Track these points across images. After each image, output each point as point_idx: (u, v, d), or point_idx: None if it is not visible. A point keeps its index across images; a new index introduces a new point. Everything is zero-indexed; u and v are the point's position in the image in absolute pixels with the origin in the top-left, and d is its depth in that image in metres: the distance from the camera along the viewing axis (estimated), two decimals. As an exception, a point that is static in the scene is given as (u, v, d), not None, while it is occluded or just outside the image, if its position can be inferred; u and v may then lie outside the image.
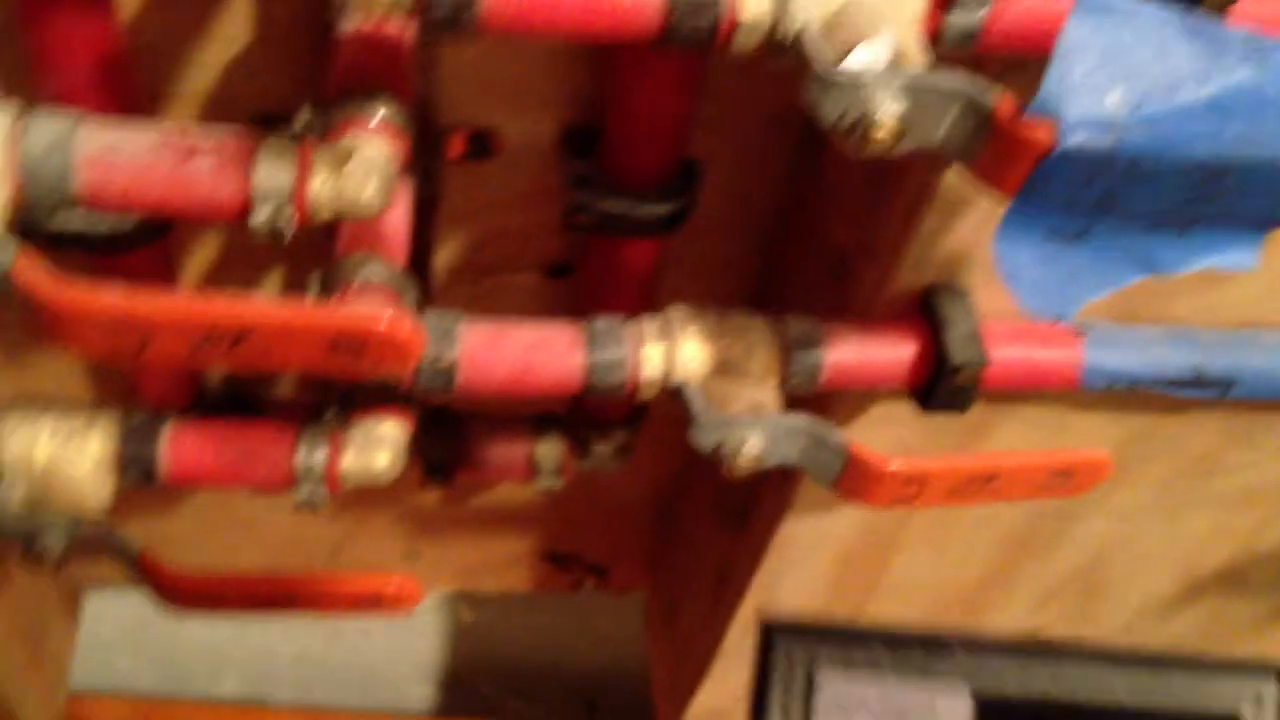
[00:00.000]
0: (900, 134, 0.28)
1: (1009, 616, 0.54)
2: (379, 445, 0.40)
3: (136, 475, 0.39)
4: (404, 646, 0.87)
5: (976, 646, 0.14)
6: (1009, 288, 0.29)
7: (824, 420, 0.36)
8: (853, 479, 0.35)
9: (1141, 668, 0.17)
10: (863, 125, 0.28)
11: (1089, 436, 0.43)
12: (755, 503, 0.51)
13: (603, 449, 0.54)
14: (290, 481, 0.40)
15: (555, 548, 0.69)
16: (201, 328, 0.28)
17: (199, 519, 0.61)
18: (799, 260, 0.46)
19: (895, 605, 0.53)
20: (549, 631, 0.85)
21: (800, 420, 0.35)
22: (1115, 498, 0.47)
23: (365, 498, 0.61)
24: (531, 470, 0.54)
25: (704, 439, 0.36)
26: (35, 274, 0.28)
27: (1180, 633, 0.56)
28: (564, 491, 0.62)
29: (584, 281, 0.48)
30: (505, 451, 0.54)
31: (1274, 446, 0.45)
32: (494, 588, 0.71)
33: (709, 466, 0.54)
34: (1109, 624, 0.55)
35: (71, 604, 0.67)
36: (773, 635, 0.15)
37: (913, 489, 0.35)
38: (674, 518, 0.65)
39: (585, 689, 0.85)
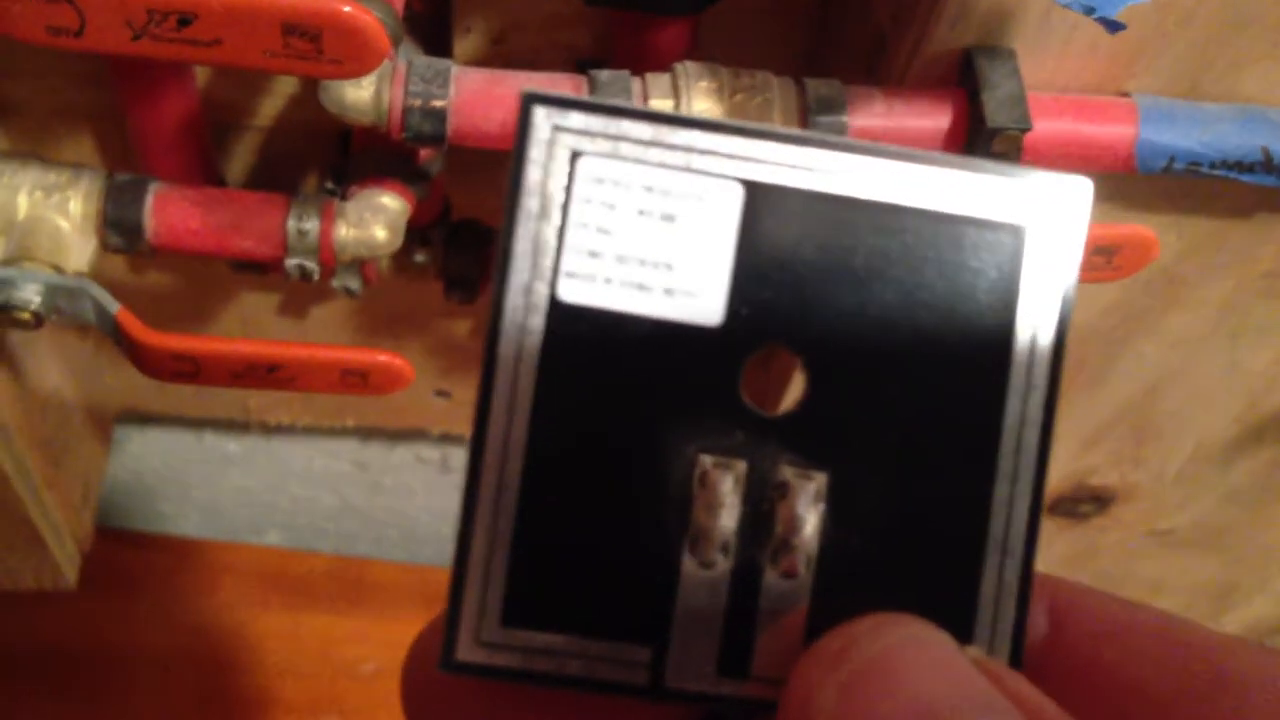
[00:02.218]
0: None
1: (1054, 457, 0.51)
2: (377, 216, 0.38)
3: (120, 237, 0.37)
4: (445, 502, 0.86)
5: (752, 132, 0.14)
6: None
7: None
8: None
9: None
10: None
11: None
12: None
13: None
14: (280, 250, 0.38)
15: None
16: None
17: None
18: (836, 51, 0.43)
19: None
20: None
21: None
22: (1170, 321, 0.44)
23: (392, 330, 0.59)
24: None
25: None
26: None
27: (1238, 485, 0.53)
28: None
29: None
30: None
31: (1351, 262, 0.41)
32: (530, 431, 0.70)
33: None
34: (1161, 470, 0.51)
35: (101, 429, 0.66)
36: (533, 106, 0.14)
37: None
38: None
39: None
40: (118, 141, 0.43)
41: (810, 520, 0.16)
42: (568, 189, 0.16)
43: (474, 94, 0.33)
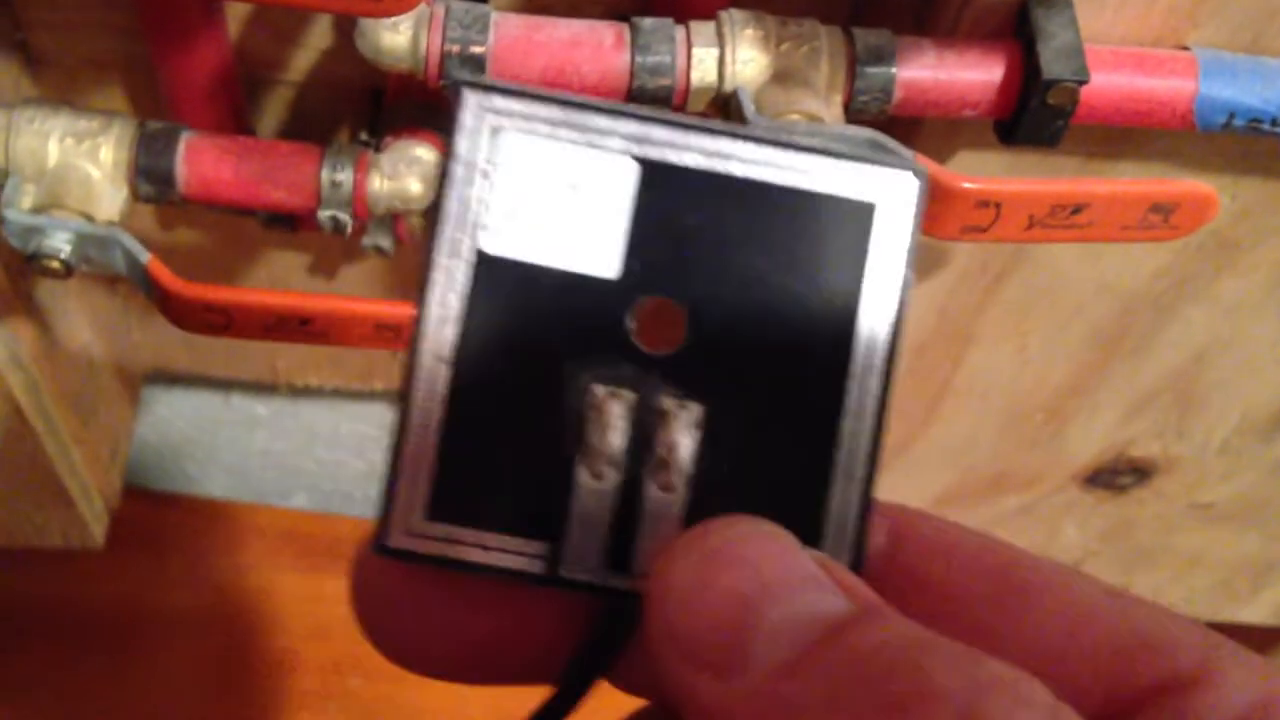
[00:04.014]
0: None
1: (1095, 427, 0.50)
2: (412, 167, 0.37)
3: (152, 186, 0.37)
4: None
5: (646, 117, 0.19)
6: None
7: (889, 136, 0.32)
8: (919, 202, 0.31)
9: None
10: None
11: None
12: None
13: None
14: (313, 201, 0.37)
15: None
16: None
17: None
18: (884, 2, 0.42)
19: (971, 406, 0.49)
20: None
21: (861, 131, 0.31)
22: (1221, 287, 0.43)
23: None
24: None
25: (755, 150, 0.32)
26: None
27: (1283, 458, 0.52)
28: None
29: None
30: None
31: None
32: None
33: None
34: (1204, 441, 0.50)
35: (129, 388, 0.66)
36: (464, 91, 0.20)
37: (987, 215, 0.31)
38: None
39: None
40: (148, 94, 0.43)
41: (685, 443, 0.19)
42: (489, 159, 0.20)
43: (513, 40, 0.33)
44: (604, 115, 0.20)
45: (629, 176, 0.20)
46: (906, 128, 0.36)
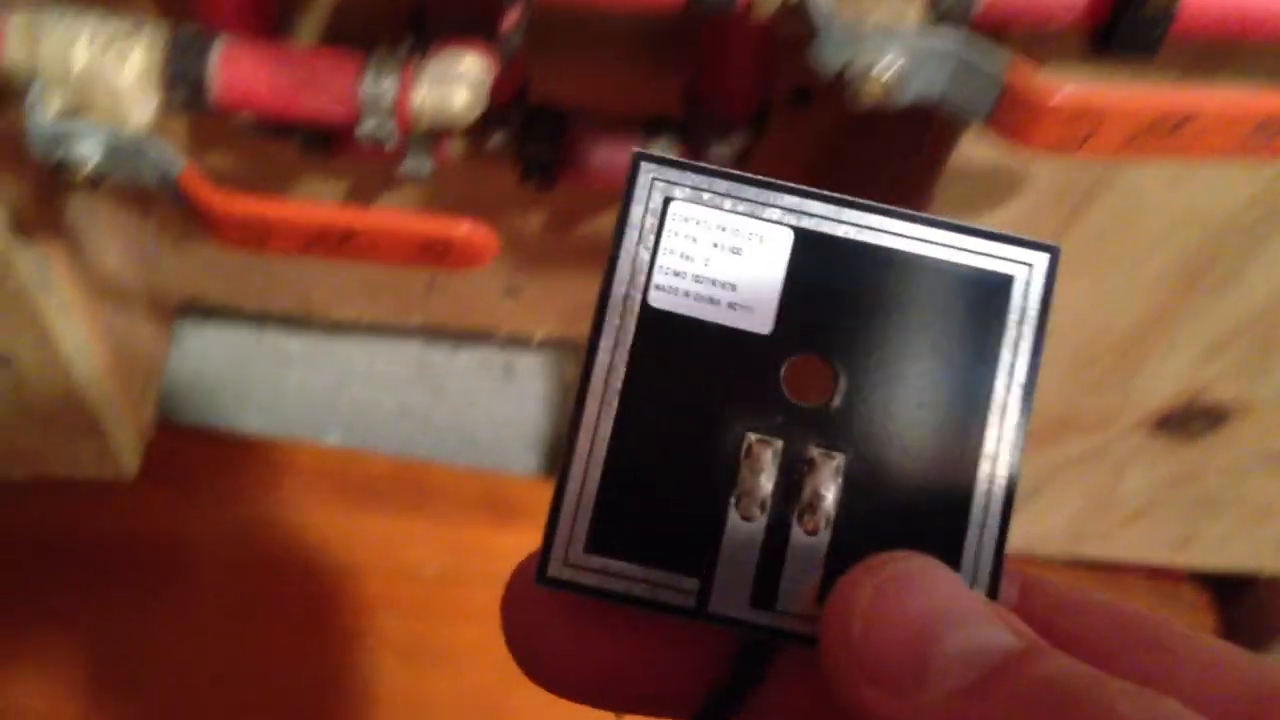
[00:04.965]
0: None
1: (1169, 369, 0.48)
2: (458, 81, 0.35)
3: (183, 93, 0.35)
4: (507, 409, 0.85)
5: (803, 192, 0.22)
6: None
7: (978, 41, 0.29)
8: (1009, 112, 0.29)
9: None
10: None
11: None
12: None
13: (721, 151, 0.48)
14: (353, 112, 0.35)
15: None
16: None
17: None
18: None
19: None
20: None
21: (948, 38, 0.29)
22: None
23: (462, 214, 0.57)
24: (640, 177, 0.48)
25: (828, 56, 0.30)
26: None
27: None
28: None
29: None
30: (613, 153, 0.49)
31: None
32: (599, 336, 0.67)
33: (840, 183, 0.48)
34: (1284, 384, 0.48)
35: (162, 319, 0.65)
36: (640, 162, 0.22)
37: (1083, 128, 0.29)
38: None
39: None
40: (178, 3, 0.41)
41: (829, 490, 0.21)
42: (660, 224, 0.21)
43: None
44: (764, 189, 0.22)
45: (784, 243, 0.22)
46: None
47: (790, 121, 0.49)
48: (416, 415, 0.81)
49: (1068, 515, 0.59)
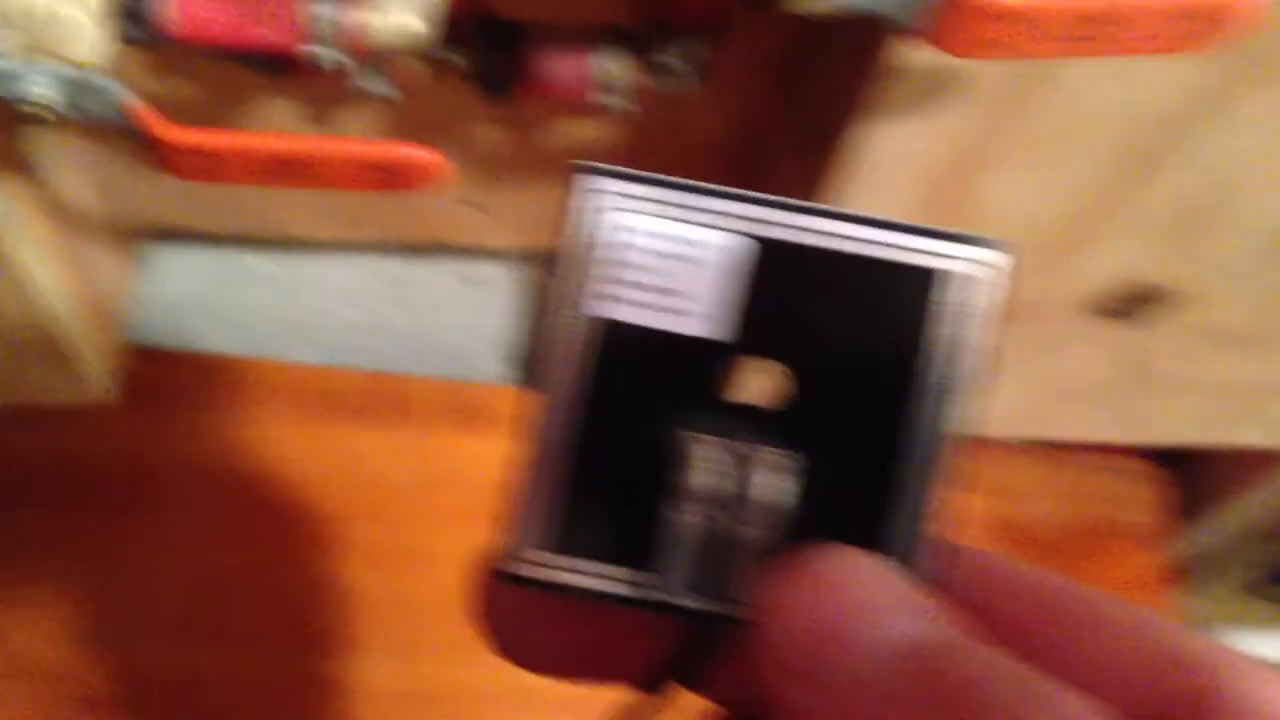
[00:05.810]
0: None
1: (1107, 254, 0.50)
2: (406, 5, 0.36)
3: (138, 29, 0.35)
4: (473, 319, 0.85)
5: (753, 199, 0.22)
6: None
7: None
8: (940, 16, 0.30)
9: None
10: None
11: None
12: (832, 118, 0.46)
13: (675, 61, 0.49)
14: (304, 39, 0.36)
15: (628, 200, 0.65)
16: None
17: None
18: None
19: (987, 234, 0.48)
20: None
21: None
22: (1254, 102, 0.41)
23: (423, 140, 0.57)
24: (598, 86, 0.49)
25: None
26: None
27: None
28: (637, 134, 0.58)
29: None
30: (568, 64, 0.50)
31: None
32: (562, 244, 0.68)
33: (793, 90, 0.50)
34: (1219, 267, 0.50)
35: (129, 246, 0.66)
36: (579, 174, 0.22)
37: (1011, 29, 0.30)
38: (757, 163, 0.60)
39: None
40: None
41: (769, 484, 0.22)
42: (601, 233, 0.22)
43: None
44: (703, 195, 0.22)
45: (735, 249, 0.22)
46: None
47: (750, 32, 0.50)
48: (383, 328, 0.82)
49: (1016, 398, 0.61)
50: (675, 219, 0.22)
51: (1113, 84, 0.40)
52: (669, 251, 0.22)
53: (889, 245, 0.22)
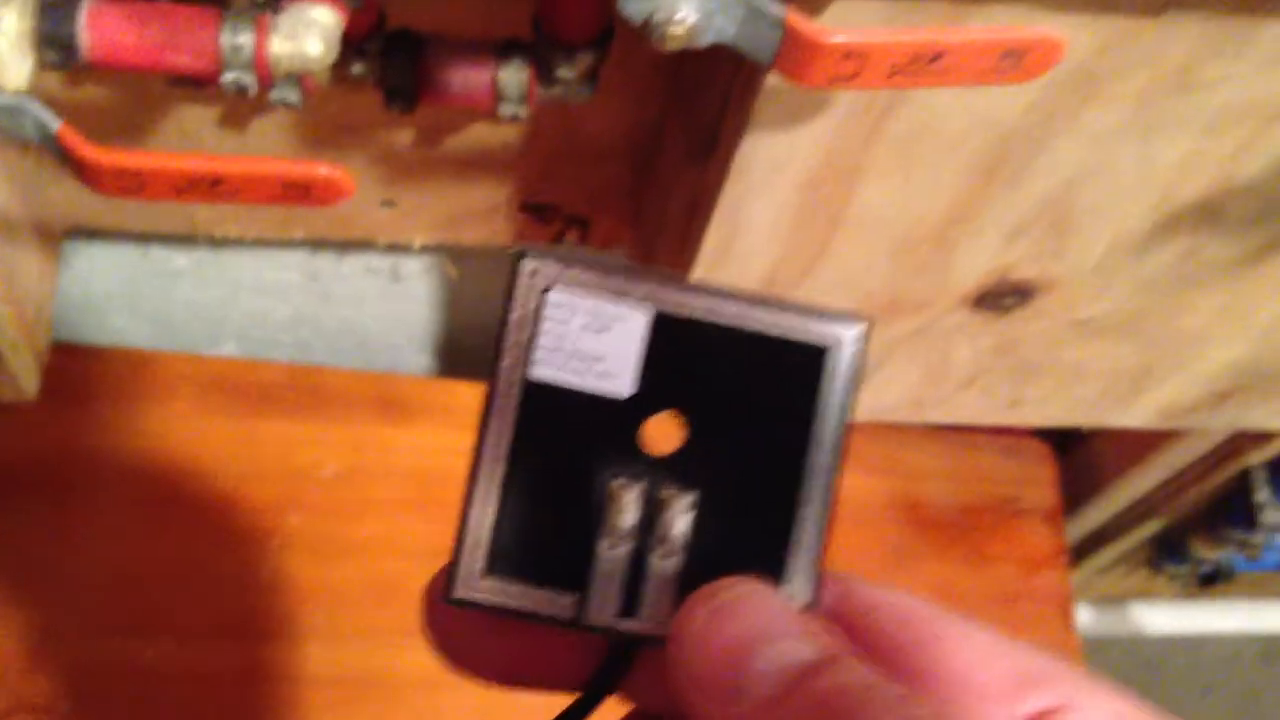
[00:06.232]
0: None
1: (978, 253, 0.53)
2: (310, 29, 0.38)
3: (56, 53, 0.38)
4: (396, 312, 0.87)
5: (658, 278, 0.28)
6: None
7: (764, -10, 0.34)
8: (791, 53, 0.33)
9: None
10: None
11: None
12: (720, 127, 0.49)
13: (567, 72, 0.52)
14: (216, 65, 0.38)
15: (534, 198, 0.68)
16: None
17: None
18: None
19: (863, 237, 0.52)
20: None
21: (737, -11, 0.33)
22: (1088, 117, 0.45)
23: (335, 141, 0.60)
24: (495, 96, 0.52)
25: (633, 8, 0.34)
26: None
27: (1152, 275, 0.55)
28: (539, 137, 0.61)
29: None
30: (468, 75, 0.52)
31: (1257, 59, 0.42)
32: (475, 239, 0.70)
33: (683, 100, 0.53)
34: (1080, 262, 0.54)
35: (49, 245, 0.67)
36: (522, 260, 0.27)
37: (852, 65, 0.33)
38: (651, 165, 0.63)
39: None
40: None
41: (681, 522, 0.26)
42: (539, 308, 0.26)
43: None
44: (627, 279, 0.26)
45: (642, 320, 0.26)
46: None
47: (633, 43, 0.53)
48: (307, 322, 0.83)
49: (907, 386, 0.65)
50: (601, 298, 0.26)
51: (963, 103, 0.43)
52: (596, 325, 0.26)
53: (774, 321, 0.27)
